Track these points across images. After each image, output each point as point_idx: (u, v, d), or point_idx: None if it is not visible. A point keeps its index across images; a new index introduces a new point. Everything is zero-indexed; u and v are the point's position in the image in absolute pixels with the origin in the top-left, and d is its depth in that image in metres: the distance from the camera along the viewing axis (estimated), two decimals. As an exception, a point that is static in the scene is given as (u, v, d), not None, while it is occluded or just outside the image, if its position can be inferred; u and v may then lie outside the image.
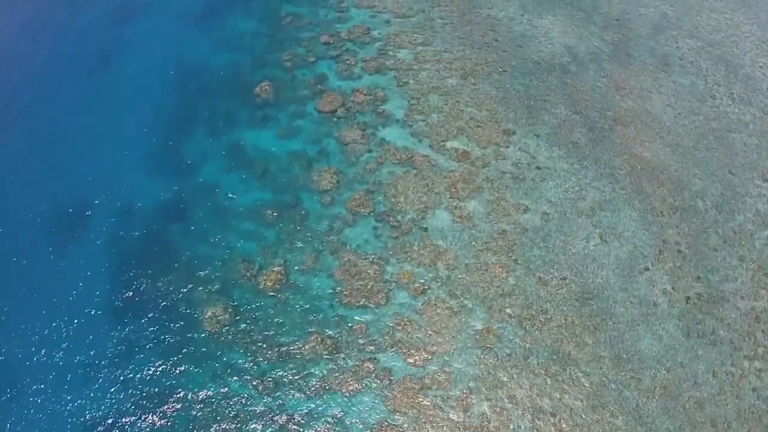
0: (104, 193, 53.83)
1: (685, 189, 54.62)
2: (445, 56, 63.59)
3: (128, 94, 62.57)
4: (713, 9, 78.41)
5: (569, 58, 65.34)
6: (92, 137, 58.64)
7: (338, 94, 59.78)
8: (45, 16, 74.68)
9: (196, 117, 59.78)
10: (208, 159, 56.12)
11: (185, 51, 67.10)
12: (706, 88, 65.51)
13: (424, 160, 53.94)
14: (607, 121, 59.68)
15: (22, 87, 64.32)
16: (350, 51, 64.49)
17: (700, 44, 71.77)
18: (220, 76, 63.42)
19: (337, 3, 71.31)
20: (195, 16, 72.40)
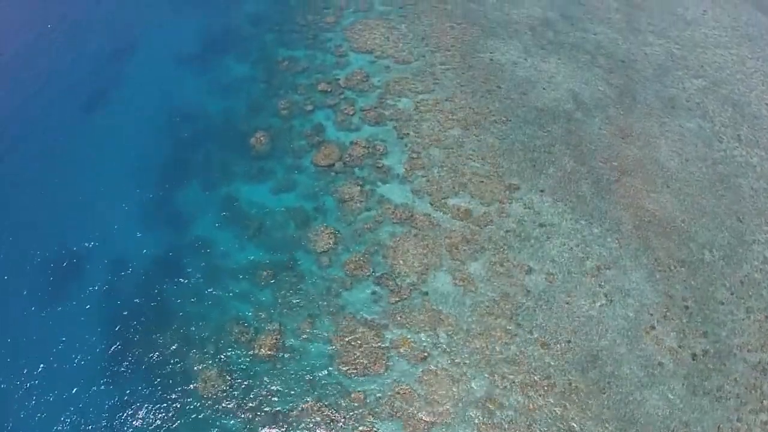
0: (96, 243, 56.02)
1: (692, 240, 56.84)
2: (447, 105, 66.15)
3: (122, 137, 65.34)
4: (718, 44, 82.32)
5: (574, 105, 67.96)
6: (84, 181, 60.96)
7: (336, 146, 62.17)
8: (41, 45, 78.99)
9: (190, 167, 62.05)
10: (203, 212, 58.22)
11: (180, 94, 70.21)
12: (712, 131, 68.53)
13: (424, 220, 56.01)
14: (612, 172, 61.90)
15: (13, 118, 67.50)
16: (349, 99, 67.17)
17: (706, 84, 75.26)
18: (215, 123, 65.97)
19: (335, 47, 74.41)
20: (191, 56, 75.77)
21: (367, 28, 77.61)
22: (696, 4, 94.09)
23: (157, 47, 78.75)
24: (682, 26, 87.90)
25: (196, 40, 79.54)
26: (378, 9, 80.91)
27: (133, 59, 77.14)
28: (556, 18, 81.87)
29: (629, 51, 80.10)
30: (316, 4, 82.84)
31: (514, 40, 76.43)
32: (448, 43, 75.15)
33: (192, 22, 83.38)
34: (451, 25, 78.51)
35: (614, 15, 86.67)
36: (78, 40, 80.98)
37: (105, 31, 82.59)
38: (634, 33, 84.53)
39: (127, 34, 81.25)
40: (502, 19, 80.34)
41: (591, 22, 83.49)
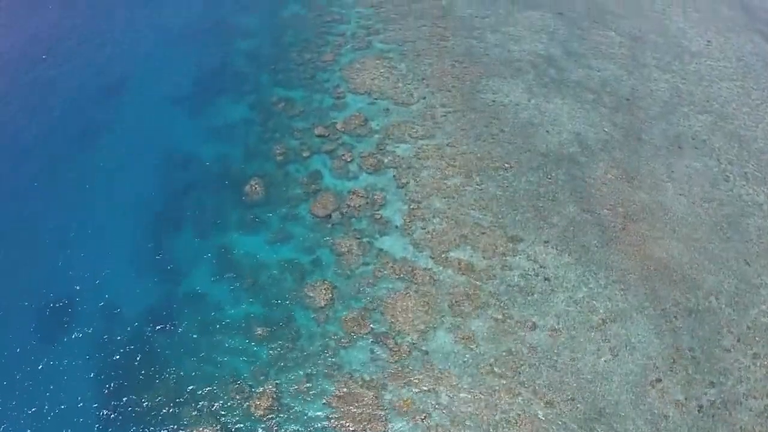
0: (86, 291, 56.06)
1: (699, 288, 57.29)
2: (448, 151, 66.51)
3: (113, 180, 65.72)
4: (723, 77, 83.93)
5: (579, 148, 68.52)
6: (74, 225, 61.36)
7: (333, 195, 62.49)
8: (33, 76, 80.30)
9: (183, 215, 62.19)
10: (196, 263, 58.19)
11: (174, 136, 70.71)
12: (719, 170, 69.30)
13: (424, 274, 56.24)
14: (618, 219, 62.29)
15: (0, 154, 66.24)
16: (346, 145, 67.61)
17: (712, 119, 76.37)
18: (209, 168, 66.31)
19: (332, 87, 74.96)
20: (184, 95, 76.46)
21: (365, 67, 78.07)
22: (700, 34, 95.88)
23: (150, 84, 79.30)
24: (687, 59, 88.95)
25: (190, 77, 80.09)
26: (377, 47, 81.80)
27: (126, 97, 77.59)
28: (558, 54, 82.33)
29: (634, 87, 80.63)
30: (313, 41, 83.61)
31: (517, 79, 76.82)
32: (449, 84, 75.43)
33: (186, 58, 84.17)
34: (452, 63, 78.94)
35: (618, 49, 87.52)
36: (71, 73, 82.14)
37: (98, 65, 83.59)
38: (639, 68, 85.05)
39: (120, 70, 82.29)
40: (503, 56, 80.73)
41: (595, 57, 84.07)
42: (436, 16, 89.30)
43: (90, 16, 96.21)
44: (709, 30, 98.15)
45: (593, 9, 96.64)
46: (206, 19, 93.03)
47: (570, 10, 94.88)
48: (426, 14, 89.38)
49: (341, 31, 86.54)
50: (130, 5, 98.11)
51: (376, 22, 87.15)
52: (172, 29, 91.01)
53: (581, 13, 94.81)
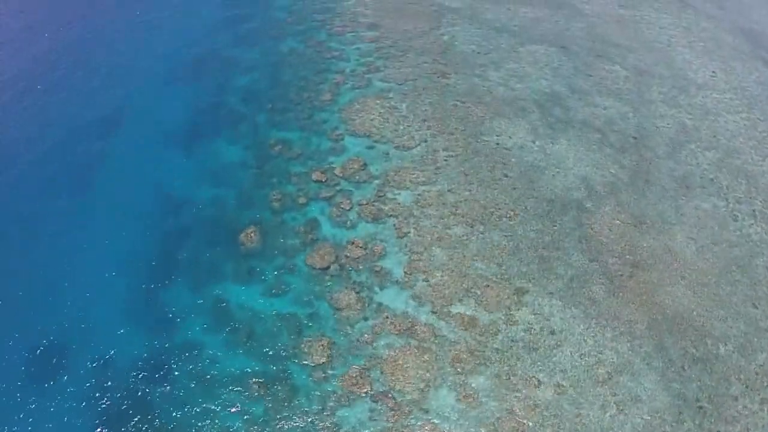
0: (78, 339, 55.37)
1: (708, 336, 56.65)
2: (450, 198, 65.91)
3: (106, 225, 65.07)
4: (730, 109, 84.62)
5: (585, 192, 68.06)
6: (65, 269, 60.79)
7: (331, 245, 61.76)
8: (27, 104, 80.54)
9: (177, 263, 61.58)
10: (190, 314, 57.43)
11: (167, 180, 69.94)
12: (727, 210, 69.21)
13: (426, 330, 55.52)
14: (626, 267, 61.70)
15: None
16: (345, 192, 66.90)
17: (719, 156, 76.60)
18: (204, 214, 65.69)
19: (330, 129, 74.54)
20: (179, 135, 76.12)
21: (365, 107, 77.71)
22: (705, 65, 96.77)
23: (145, 123, 79.24)
24: (693, 92, 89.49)
25: (186, 116, 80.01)
26: (377, 85, 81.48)
27: (119, 136, 77.46)
28: (563, 91, 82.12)
29: (640, 125, 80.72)
30: (312, 79, 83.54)
31: (521, 120, 76.34)
32: (451, 126, 75.07)
33: (182, 93, 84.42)
34: (455, 103, 78.66)
35: (623, 84, 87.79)
36: (64, 105, 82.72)
37: (91, 97, 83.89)
38: (645, 104, 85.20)
39: (114, 104, 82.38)
40: (507, 95, 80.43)
41: (600, 94, 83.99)
42: (437, 52, 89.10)
43: (85, 45, 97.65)
44: (714, 60, 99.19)
45: (597, 42, 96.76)
46: (203, 52, 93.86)
47: (574, 43, 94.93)
48: (427, 50, 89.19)
49: (340, 68, 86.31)
50: (126, 36, 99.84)
51: (376, 58, 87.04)
52: (168, 61, 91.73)
53: (585, 46, 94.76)
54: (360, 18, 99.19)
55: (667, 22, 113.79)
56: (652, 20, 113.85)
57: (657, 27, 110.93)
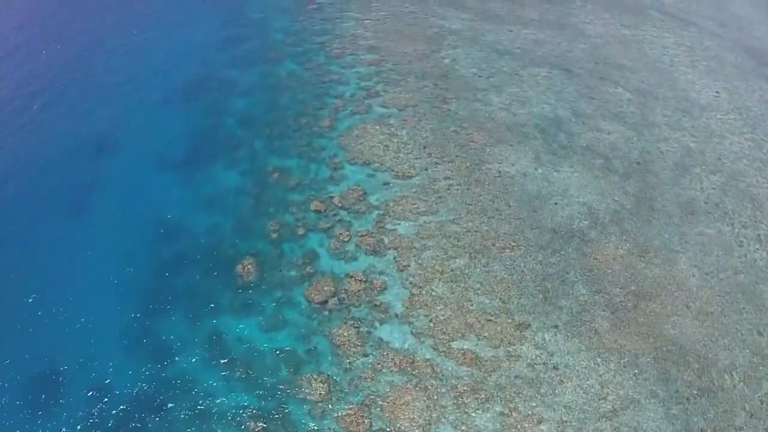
0: (73, 367, 55.29)
1: (713, 366, 56.25)
2: (452, 229, 65.40)
3: (101, 251, 64.84)
4: (734, 130, 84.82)
5: (589, 221, 67.75)
6: (58, 297, 60.36)
7: (330, 279, 61.11)
8: (20, 124, 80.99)
9: (173, 293, 61.03)
10: (186, 347, 56.95)
11: (164, 205, 69.45)
12: (732, 235, 68.82)
13: (426, 366, 54.99)
14: (630, 298, 61.29)
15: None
16: (344, 222, 66.31)
17: (724, 179, 76.56)
18: (200, 243, 65.18)
19: (329, 157, 73.96)
20: (176, 160, 75.71)
21: (364, 134, 77.22)
22: (708, 85, 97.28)
23: (141, 144, 79.05)
24: (697, 113, 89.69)
25: (182, 140, 79.57)
26: (377, 111, 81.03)
27: (115, 160, 77.16)
28: (566, 116, 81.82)
29: (644, 150, 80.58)
30: (310, 104, 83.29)
31: (524, 146, 76.02)
32: (452, 153, 74.60)
33: (178, 116, 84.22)
34: (456, 129, 78.19)
35: (627, 107, 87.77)
36: (61, 127, 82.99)
37: (89, 120, 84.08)
38: (649, 127, 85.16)
39: (111, 127, 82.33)
40: (509, 120, 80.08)
41: (603, 118, 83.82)
42: (438, 76, 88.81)
43: (82, 63, 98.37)
44: (717, 80, 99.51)
45: (600, 64, 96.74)
46: (201, 72, 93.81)
47: (577, 65, 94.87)
48: (428, 74, 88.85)
49: (340, 93, 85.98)
50: (124, 55, 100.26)
51: (376, 82, 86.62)
52: (166, 81, 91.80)
53: (588, 68, 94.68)
54: (359, 40, 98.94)
55: (669, 41, 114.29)
56: (655, 40, 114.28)
57: (660, 46, 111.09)
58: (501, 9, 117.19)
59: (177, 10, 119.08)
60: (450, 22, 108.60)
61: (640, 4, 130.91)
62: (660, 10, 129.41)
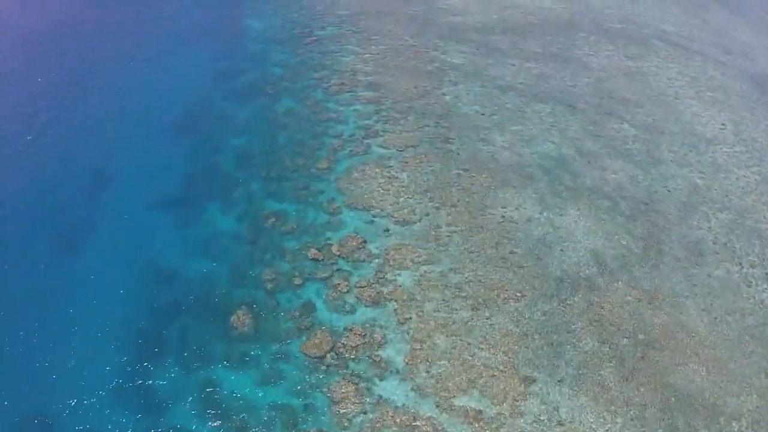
0: (63, 418, 54.08)
1: (721, 413, 55.41)
2: (454, 279, 64.03)
3: (91, 293, 63.77)
4: (741, 164, 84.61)
5: (596, 268, 66.63)
6: (49, 343, 59.37)
7: (328, 332, 59.93)
8: (13, 153, 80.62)
9: (165, 341, 60.02)
10: (180, 398, 55.74)
11: (158, 248, 68.68)
12: (741, 275, 68.02)
13: (428, 425, 53.91)
14: (638, 348, 60.22)
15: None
16: (343, 272, 64.94)
17: (731, 217, 76.05)
18: (193, 290, 63.93)
19: (327, 201, 72.97)
20: (171, 200, 74.85)
21: (363, 176, 76.24)
22: (714, 117, 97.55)
23: (135, 184, 78.22)
24: (704, 148, 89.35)
25: (177, 178, 79.02)
26: (376, 151, 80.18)
27: (107, 197, 76.55)
28: (571, 155, 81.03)
29: (651, 189, 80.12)
30: (308, 144, 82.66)
31: (528, 189, 74.88)
32: (454, 197, 73.35)
33: (173, 154, 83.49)
34: (458, 172, 77.09)
35: (633, 144, 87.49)
36: (52, 161, 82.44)
37: (81, 154, 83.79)
38: (655, 165, 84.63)
39: (103, 162, 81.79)
40: (513, 160, 79.06)
41: (609, 156, 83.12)
42: (439, 114, 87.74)
43: (77, 92, 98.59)
44: (723, 111, 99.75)
45: (605, 98, 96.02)
46: (197, 106, 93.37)
47: (581, 101, 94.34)
48: (428, 112, 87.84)
49: (338, 132, 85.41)
50: (119, 85, 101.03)
51: (376, 121, 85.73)
52: (161, 115, 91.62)
53: (593, 104, 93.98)
54: (359, 75, 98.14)
55: (674, 72, 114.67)
56: (660, 71, 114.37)
57: (665, 78, 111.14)
58: (503, 42, 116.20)
59: (174, 40, 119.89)
60: (451, 57, 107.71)
61: (644, 34, 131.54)
62: (663, 39, 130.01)
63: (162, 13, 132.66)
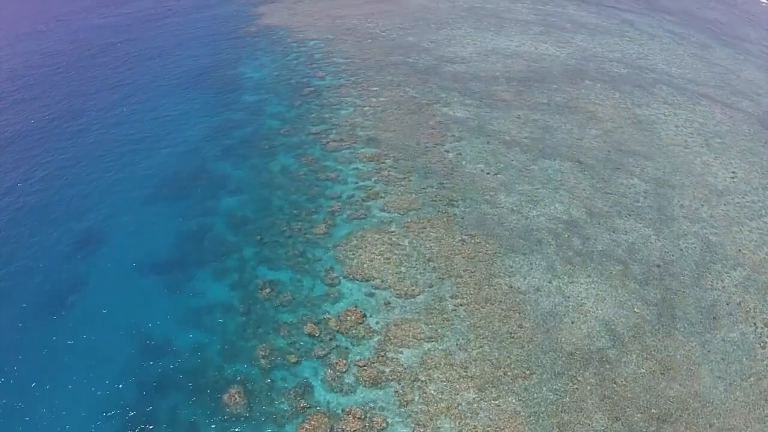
0: None
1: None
2: (459, 357, 61.73)
3: (79, 362, 61.98)
4: (753, 215, 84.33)
5: (608, 340, 64.83)
6: (33, 409, 57.92)
7: (325, 414, 57.52)
8: None
9: (154, 418, 57.70)
10: (170, 481, 49.50)
11: (146, 316, 66.73)
12: (755, 336, 66.12)
13: None
14: (652, 423, 57.90)
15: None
16: (341, 349, 62.63)
17: (745, 273, 74.36)
18: (184, 364, 61.70)
19: (325, 271, 70.70)
20: (160, 265, 73.15)
21: (363, 243, 74.16)
22: (724, 165, 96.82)
23: (125, 246, 76.82)
24: (715, 200, 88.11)
25: (168, 241, 77.40)
26: (377, 215, 78.35)
27: (97, 259, 75.10)
28: (581, 216, 79.12)
29: (664, 249, 78.24)
30: (305, 206, 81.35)
31: (537, 255, 73.13)
32: (459, 267, 70.93)
33: (165, 215, 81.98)
34: (462, 239, 75.01)
35: (644, 200, 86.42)
36: (41, 218, 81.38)
37: (70, 214, 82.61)
38: (667, 222, 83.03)
39: (92, 222, 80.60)
40: (520, 224, 77.23)
41: (620, 215, 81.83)
42: (442, 174, 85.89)
43: (68, 143, 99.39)
44: (733, 158, 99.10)
45: (614, 152, 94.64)
46: (190, 163, 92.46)
47: (590, 155, 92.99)
48: (431, 171, 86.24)
49: (336, 193, 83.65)
50: (111, 139, 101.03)
51: (376, 181, 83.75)
52: (153, 172, 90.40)
53: (601, 158, 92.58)
54: (358, 130, 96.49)
55: (682, 119, 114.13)
56: (668, 118, 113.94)
57: (673, 126, 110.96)
58: (507, 92, 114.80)
59: (166, 88, 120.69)
60: (454, 109, 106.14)
61: (649, 79, 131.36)
62: (669, 84, 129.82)
63: (154, 56, 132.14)
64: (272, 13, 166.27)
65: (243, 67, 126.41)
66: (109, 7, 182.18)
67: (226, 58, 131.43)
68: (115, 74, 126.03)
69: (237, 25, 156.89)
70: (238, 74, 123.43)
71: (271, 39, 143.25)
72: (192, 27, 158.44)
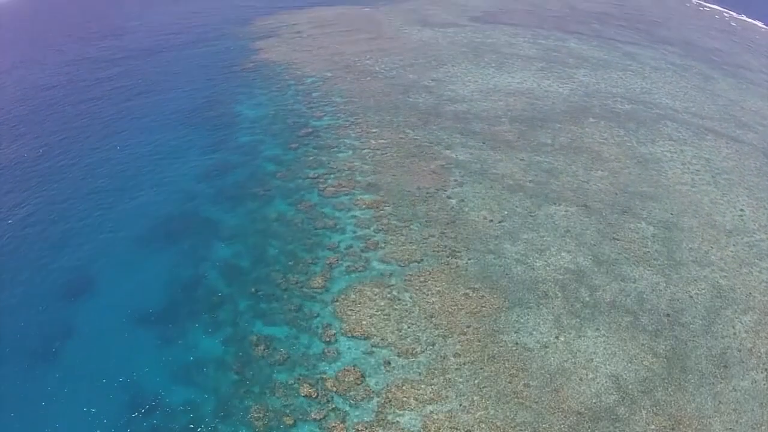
0: None
1: None
2: (463, 419, 59.71)
3: (66, 415, 60.75)
4: (762, 255, 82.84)
5: (617, 396, 62.82)
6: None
7: (323, 484, 51.59)
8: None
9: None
10: None
11: (136, 370, 65.00)
12: (766, 384, 64.74)
13: None
14: (663, 486, 51.89)
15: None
16: (339, 411, 60.34)
17: (756, 317, 72.31)
18: (175, 422, 59.94)
19: (322, 327, 68.65)
20: (151, 316, 71.76)
21: (362, 298, 72.24)
22: (732, 203, 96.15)
23: (116, 295, 75.57)
24: (724, 241, 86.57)
25: (160, 291, 76.02)
26: (376, 268, 76.42)
27: (86, 308, 74.17)
28: (588, 266, 77.28)
29: (674, 297, 76.40)
30: (301, 258, 79.63)
31: (543, 309, 71.27)
32: (463, 323, 69.09)
33: (156, 263, 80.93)
34: (466, 292, 72.99)
35: (652, 246, 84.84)
36: (30, 263, 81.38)
37: (60, 259, 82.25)
38: (676, 268, 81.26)
39: (82, 269, 79.84)
40: (526, 275, 75.29)
41: (628, 262, 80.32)
42: (444, 222, 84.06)
43: (59, 181, 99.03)
44: (740, 195, 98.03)
45: (620, 194, 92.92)
46: (183, 208, 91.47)
47: (596, 199, 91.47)
48: (433, 219, 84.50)
49: (334, 243, 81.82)
50: (102, 181, 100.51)
51: (376, 231, 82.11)
52: (145, 216, 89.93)
53: (608, 202, 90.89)
54: (357, 175, 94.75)
55: (689, 155, 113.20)
56: (674, 156, 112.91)
57: (679, 163, 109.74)
58: (510, 133, 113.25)
59: (161, 123, 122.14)
60: (456, 152, 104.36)
61: (653, 114, 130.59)
62: (674, 119, 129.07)
63: (148, 91, 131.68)
64: (270, 48, 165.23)
65: (239, 105, 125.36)
66: (106, 39, 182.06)
67: (221, 95, 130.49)
68: (108, 108, 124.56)
69: (234, 61, 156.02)
70: (234, 112, 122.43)
71: (269, 75, 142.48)
72: (188, 62, 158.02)
